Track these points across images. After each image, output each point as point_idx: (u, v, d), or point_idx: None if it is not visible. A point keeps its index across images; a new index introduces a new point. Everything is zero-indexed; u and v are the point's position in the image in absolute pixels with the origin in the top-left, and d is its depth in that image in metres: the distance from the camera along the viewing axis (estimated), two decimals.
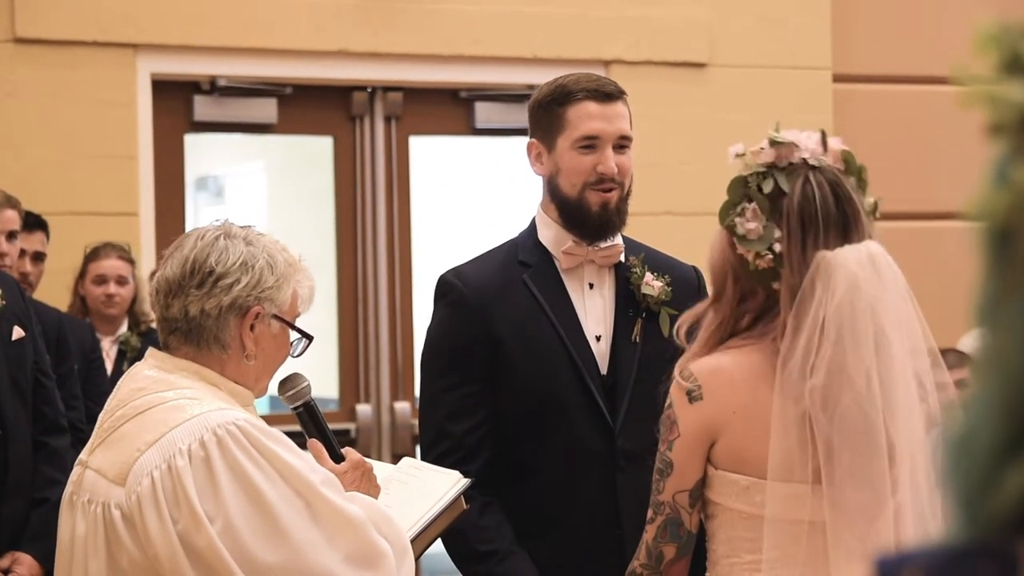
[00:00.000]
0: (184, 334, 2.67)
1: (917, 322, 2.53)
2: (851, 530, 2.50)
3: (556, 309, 3.26)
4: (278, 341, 2.72)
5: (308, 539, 2.50)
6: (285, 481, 2.51)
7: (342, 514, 2.55)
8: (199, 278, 2.64)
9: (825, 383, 2.47)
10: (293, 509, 2.51)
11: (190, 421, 2.53)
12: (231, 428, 2.51)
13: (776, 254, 2.55)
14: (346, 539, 2.55)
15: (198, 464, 2.49)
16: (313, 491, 2.53)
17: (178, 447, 2.50)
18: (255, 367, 2.70)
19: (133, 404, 2.61)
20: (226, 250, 2.66)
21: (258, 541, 2.47)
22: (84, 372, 5.35)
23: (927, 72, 7.61)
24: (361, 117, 6.91)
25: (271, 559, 2.48)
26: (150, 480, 2.50)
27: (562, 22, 6.96)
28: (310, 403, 2.88)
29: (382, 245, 6.89)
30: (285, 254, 2.73)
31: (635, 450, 3.09)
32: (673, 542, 2.63)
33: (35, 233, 5.59)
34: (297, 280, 2.75)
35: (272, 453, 2.52)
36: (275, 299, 2.68)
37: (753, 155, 2.62)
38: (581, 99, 3.26)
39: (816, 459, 2.48)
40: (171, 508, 2.48)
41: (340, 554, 2.53)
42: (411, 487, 3.02)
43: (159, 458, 2.51)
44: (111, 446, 2.60)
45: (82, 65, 6.30)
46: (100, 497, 2.57)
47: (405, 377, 6.89)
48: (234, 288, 2.64)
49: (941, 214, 7.63)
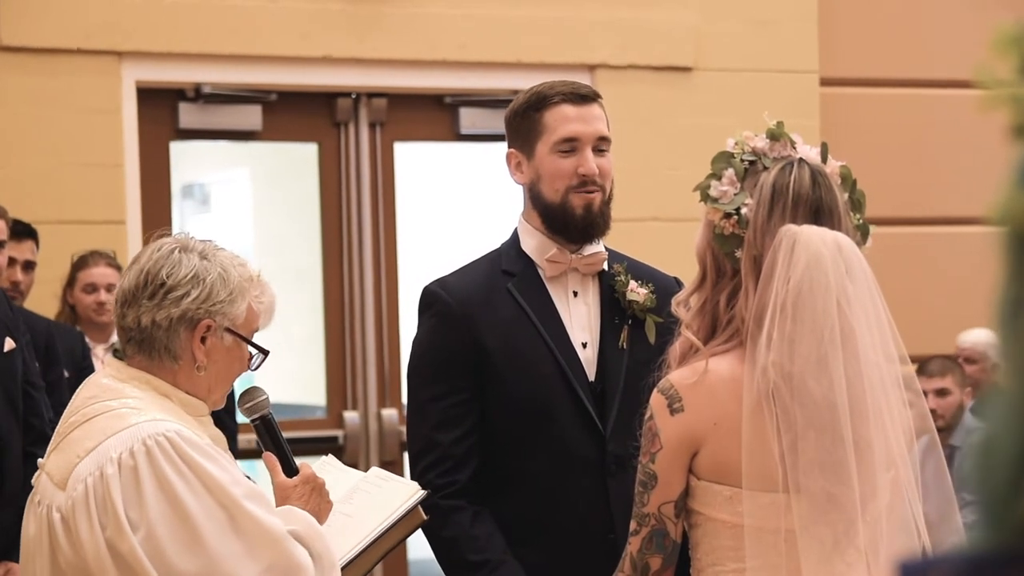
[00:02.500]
0: (138, 343, 2.73)
1: (888, 328, 2.53)
2: (818, 516, 2.49)
3: (541, 317, 3.26)
4: (232, 355, 2.78)
5: (227, 551, 2.57)
6: (209, 493, 2.58)
7: (263, 527, 2.61)
8: (151, 289, 2.71)
9: (786, 358, 2.47)
10: (214, 521, 2.57)
11: (126, 431, 2.60)
12: (160, 439, 2.58)
13: (742, 217, 2.56)
14: (266, 552, 2.61)
15: (127, 473, 2.57)
16: (235, 504, 2.59)
17: (110, 455, 2.58)
18: (206, 378, 2.75)
19: (84, 411, 2.69)
20: (179, 263, 2.72)
21: (178, 550, 2.55)
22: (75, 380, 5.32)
23: (915, 76, 7.62)
24: (346, 123, 6.90)
25: (190, 568, 2.55)
26: (84, 486, 2.58)
27: (547, 26, 6.94)
28: (267, 416, 2.94)
29: (368, 251, 6.88)
30: (241, 269, 2.79)
31: (626, 455, 3.08)
32: (659, 553, 2.63)
33: (24, 242, 5.58)
34: (254, 295, 2.80)
35: (198, 465, 2.59)
36: (228, 313, 2.73)
37: (747, 139, 2.65)
38: (557, 103, 3.26)
39: (781, 444, 2.47)
40: (100, 515, 2.56)
41: (259, 566, 2.60)
42: (374, 497, 3.07)
43: (94, 465, 2.59)
44: (61, 451, 2.68)
45: (66, 73, 6.28)
46: (47, 500, 2.66)
47: (392, 384, 6.87)
48: (183, 301, 2.70)
49: (929, 219, 7.63)
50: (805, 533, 2.50)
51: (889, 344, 2.53)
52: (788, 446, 2.48)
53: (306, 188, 7.05)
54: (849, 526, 2.51)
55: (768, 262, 2.51)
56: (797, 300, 2.47)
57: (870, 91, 7.57)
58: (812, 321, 2.47)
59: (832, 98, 7.42)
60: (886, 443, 2.51)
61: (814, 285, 2.47)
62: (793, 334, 2.47)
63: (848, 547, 2.52)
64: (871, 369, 2.50)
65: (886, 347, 2.53)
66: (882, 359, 2.51)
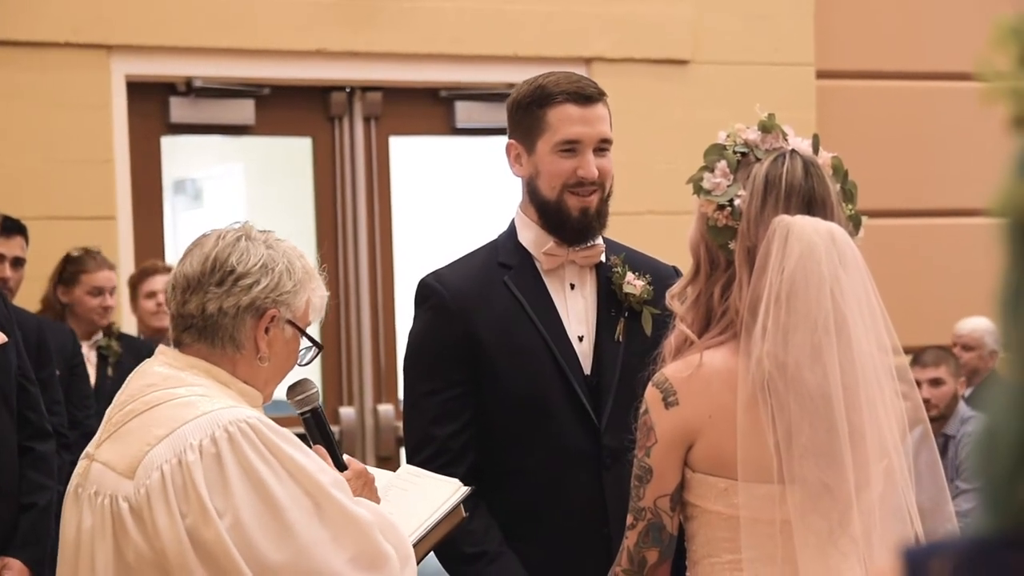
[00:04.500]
0: (199, 331, 2.68)
1: (882, 318, 2.54)
2: (812, 505, 2.50)
3: (538, 310, 3.26)
4: (289, 347, 2.75)
5: (315, 539, 2.52)
6: (295, 480, 2.53)
7: (350, 516, 2.57)
8: (219, 276, 2.67)
9: (780, 349, 2.47)
10: (301, 508, 2.52)
11: (202, 417, 2.55)
12: (242, 425, 2.53)
13: (735, 209, 2.57)
14: (352, 541, 2.56)
15: (209, 460, 2.51)
16: (322, 491, 2.55)
17: (189, 442, 2.52)
18: (266, 370, 2.72)
19: (143, 399, 2.62)
20: (247, 251, 2.69)
21: (266, 538, 2.49)
22: (66, 378, 5.34)
23: (910, 68, 7.62)
24: (340, 117, 6.89)
25: (278, 557, 2.50)
26: (160, 474, 2.51)
27: (543, 19, 6.93)
28: (317, 409, 2.90)
29: (363, 246, 6.87)
30: (303, 261, 2.78)
31: (621, 448, 3.07)
32: (656, 546, 2.63)
33: (14, 238, 5.58)
34: (312, 288, 2.78)
35: (282, 452, 2.54)
36: (291, 304, 2.71)
37: (739, 131, 2.65)
38: (561, 102, 3.24)
39: (776, 434, 2.48)
40: (180, 502, 2.50)
41: (346, 555, 2.55)
42: (411, 494, 3.04)
43: (170, 452, 2.52)
44: (120, 440, 2.61)
45: (55, 67, 6.26)
46: (108, 489, 2.58)
47: (388, 379, 6.87)
48: (253, 289, 2.67)
49: (925, 211, 7.64)
50: (800, 523, 2.51)
51: (882, 334, 2.54)
52: (782, 436, 2.49)
53: (300, 183, 7.04)
54: (843, 515, 2.52)
55: (762, 253, 2.51)
56: (791, 290, 2.47)
57: (866, 84, 7.57)
58: (806, 311, 2.48)
59: (828, 91, 7.42)
60: (880, 433, 2.52)
61: (808, 275, 2.47)
62: (787, 324, 2.48)
63: (842, 536, 2.53)
64: (865, 359, 2.50)
65: (879, 337, 2.53)
66: (875, 349, 2.52)
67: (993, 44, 0.94)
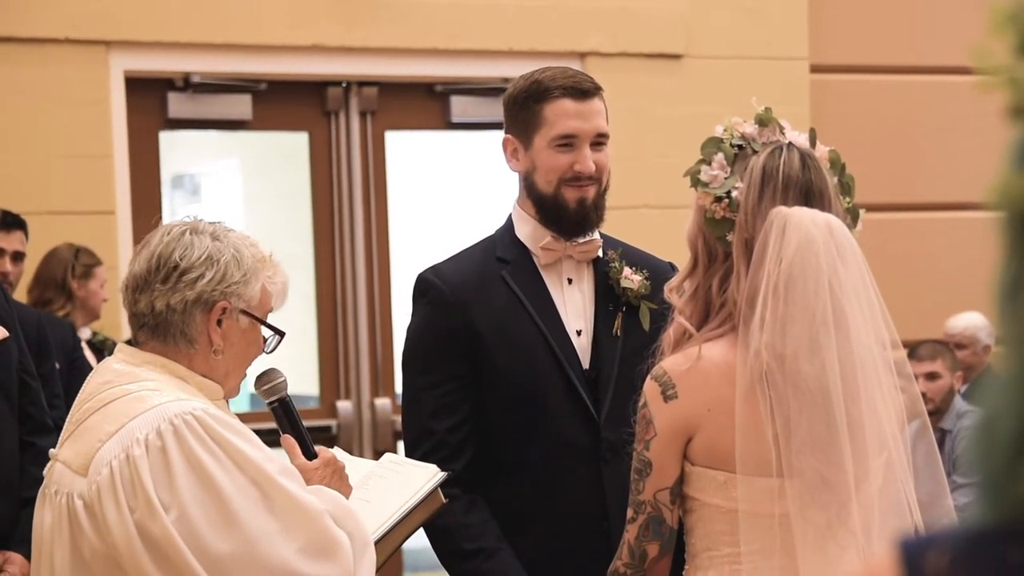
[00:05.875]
0: (151, 329, 2.68)
1: (880, 313, 2.54)
2: (811, 498, 2.50)
3: (536, 304, 3.25)
4: (248, 337, 2.73)
5: (263, 529, 2.52)
6: (241, 470, 2.53)
7: (298, 504, 2.56)
8: (164, 273, 2.65)
9: (779, 340, 2.47)
10: (248, 498, 2.52)
11: (149, 412, 2.55)
12: (187, 417, 2.53)
13: (733, 201, 2.57)
14: (302, 529, 2.55)
15: (154, 453, 2.51)
16: (269, 480, 2.54)
17: (136, 437, 2.52)
18: (223, 362, 2.70)
19: (99, 397, 2.63)
20: (191, 245, 2.67)
21: (212, 530, 2.49)
22: (66, 372, 5.35)
23: (904, 62, 7.62)
24: (336, 112, 6.89)
25: (225, 548, 2.49)
26: (109, 470, 2.52)
27: (537, 14, 6.94)
28: (285, 399, 2.88)
29: (360, 240, 6.87)
30: (253, 249, 2.73)
31: (619, 442, 3.07)
32: (656, 540, 2.63)
33: (14, 232, 5.60)
34: (267, 276, 2.75)
35: (228, 443, 2.53)
36: (242, 294, 2.69)
37: (735, 125, 2.65)
38: (557, 96, 3.24)
39: (775, 426, 2.48)
40: (128, 497, 2.50)
41: (295, 544, 2.54)
42: (391, 482, 3.03)
43: (118, 448, 2.53)
44: (78, 438, 2.62)
45: (54, 63, 6.26)
46: (65, 488, 2.60)
47: (385, 373, 6.87)
48: (198, 283, 2.65)
49: (919, 205, 7.64)
50: (799, 516, 2.50)
51: (880, 327, 2.53)
52: (781, 428, 2.48)
53: (297, 178, 7.04)
54: (842, 508, 2.51)
55: (759, 244, 2.51)
56: (789, 282, 2.47)
57: (860, 78, 7.58)
58: (804, 303, 2.47)
59: (822, 85, 7.42)
60: (878, 425, 2.52)
61: (806, 266, 2.47)
62: (785, 316, 2.47)
63: (841, 529, 2.53)
64: (863, 351, 2.50)
65: (878, 330, 2.53)
66: (874, 342, 2.51)
67: (990, 31, 0.93)
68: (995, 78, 0.93)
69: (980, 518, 0.95)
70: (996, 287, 0.95)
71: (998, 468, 0.93)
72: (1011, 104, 0.93)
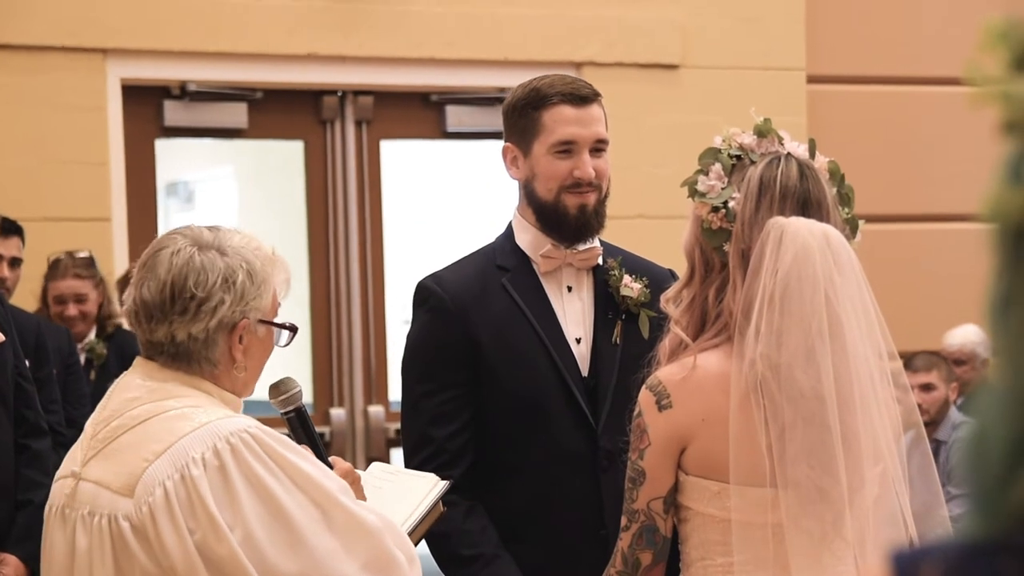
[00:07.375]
0: (172, 356, 2.60)
1: (876, 323, 2.53)
2: (805, 508, 2.49)
3: (536, 312, 3.26)
4: (264, 344, 2.68)
5: (326, 547, 2.47)
6: (300, 489, 2.48)
7: (359, 522, 2.52)
8: (181, 305, 2.56)
9: (774, 350, 2.47)
10: (310, 517, 2.47)
11: (200, 429, 2.48)
12: (244, 436, 2.47)
13: (730, 211, 2.57)
14: (363, 547, 2.52)
15: (213, 473, 2.44)
16: (330, 499, 2.50)
17: (191, 456, 2.45)
18: (245, 375, 2.66)
19: (130, 414, 2.54)
20: (203, 269, 2.57)
21: (278, 550, 2.44)
22: (63, 377, 5.37)
23: (901, 73, 7.63)
24: (331, 121, 6.90)
25: (292, 568, 2.45)
26: (163, 490, 2.44)
27: (534, 24, 6.94)
28: (301, 408, 2.84)
29: (354, 249, 6.87)
30: (259, 252, 2.66)
31: (617, 451, 3.08)
32: (649, 548, 2.63)
33: (11, 238, 5.62)
34: (277, 278, 2.70)
35: (286, 461, 2.49)
36: (259, 306, 2.63)
37: (734, 136, 2.65)
38: (556, 103, 3.25)
39: (769, 436, 2.48)
40: (187, 518, 2.43)
41: (358, 562, 2.50)
42: (387, 492, 3.00)
43: (171, 468, 2.45)
44: (111, 457, 2.53)
45: (51, 70, 6.27)
46: (104, 509, 2.51)
47: (378, 381, 6.87)
48: (219, 310, 2.57)
49: (915, 216, 7.65)
50: (793, 526, 2.50)
51: (877, 336, 2.53)
52: (776, 438, 2.48)
53: (292, 186, 7.04)
54: (837, 518, 2.51)
55: (756, 254, 2.51)
56: (785, 292, 2.47)
57: (857, 88, 7.59)
58: (800, 313, 2.47)
59: (819, 95, 7.43)
60: (873, 436, 2.51)
61: (802, 276, 2.47)
62: (781, 326, 2.47)
63: (836, 539, 2.53)
64: (859, 362, 2.49)
65: (873, 339, 2.52)
66: (870, 352, 2.51)
67: (983, 48, 0.94)
68: (988, 93, 0.93)
69: (973, 530, 0.94)
70: (988, 301, 0.95)
71: (991, 480, 0.93)
72: (1004, 119, 0.93)
